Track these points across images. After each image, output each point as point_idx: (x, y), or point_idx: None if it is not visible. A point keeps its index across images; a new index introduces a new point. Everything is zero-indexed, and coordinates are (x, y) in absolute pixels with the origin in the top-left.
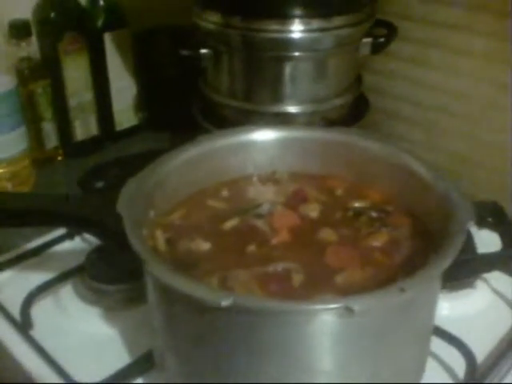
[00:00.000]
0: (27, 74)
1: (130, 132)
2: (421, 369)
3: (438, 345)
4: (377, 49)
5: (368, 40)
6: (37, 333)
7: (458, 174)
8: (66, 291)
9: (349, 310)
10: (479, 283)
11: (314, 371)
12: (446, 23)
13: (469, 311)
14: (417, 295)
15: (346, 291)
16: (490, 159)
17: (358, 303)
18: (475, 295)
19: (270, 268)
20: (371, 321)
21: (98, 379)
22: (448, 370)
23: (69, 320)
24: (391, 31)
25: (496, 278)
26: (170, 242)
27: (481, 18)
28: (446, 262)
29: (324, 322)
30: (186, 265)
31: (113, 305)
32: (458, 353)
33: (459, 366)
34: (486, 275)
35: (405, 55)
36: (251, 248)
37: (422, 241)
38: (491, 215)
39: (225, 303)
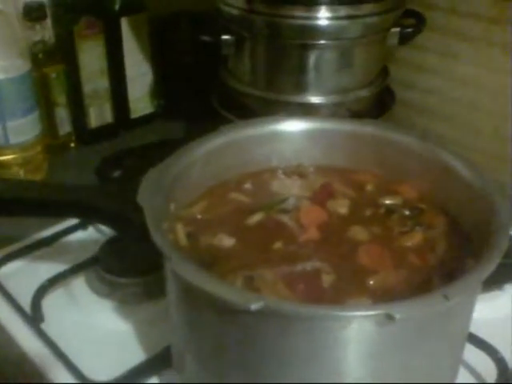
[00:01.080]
0: (41, 57)
1: (145, 120)
2: (453, 377)
3: (466, 349)
4: (405, 39)
5: (396, 30)
6: (48, 326)
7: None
8: (79, 283)
9: (389, 318)
10: (507, 286)
11: (344, 379)
12: (475, 14)
13: (497, 314)
14: (458, 302)
15: (379, 294)
16: None
17: (400, 311)
18: (503, 298)
19: (298, 267)
20: (409, 329)
21: (110, 377)
22: (477, 376)
23: (81, 313)
24: (420, 22)
25: None
26: (190, 236)
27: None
28: (490, 267)
29: (359, 329)
30: (208, 261)
31: (127, 298)
32: (489, 359)
33: (489, 373)
34: None
35: (433, 47)
36: (277, 245)
37: (458, 242)
38: None
39: (255, 307)
